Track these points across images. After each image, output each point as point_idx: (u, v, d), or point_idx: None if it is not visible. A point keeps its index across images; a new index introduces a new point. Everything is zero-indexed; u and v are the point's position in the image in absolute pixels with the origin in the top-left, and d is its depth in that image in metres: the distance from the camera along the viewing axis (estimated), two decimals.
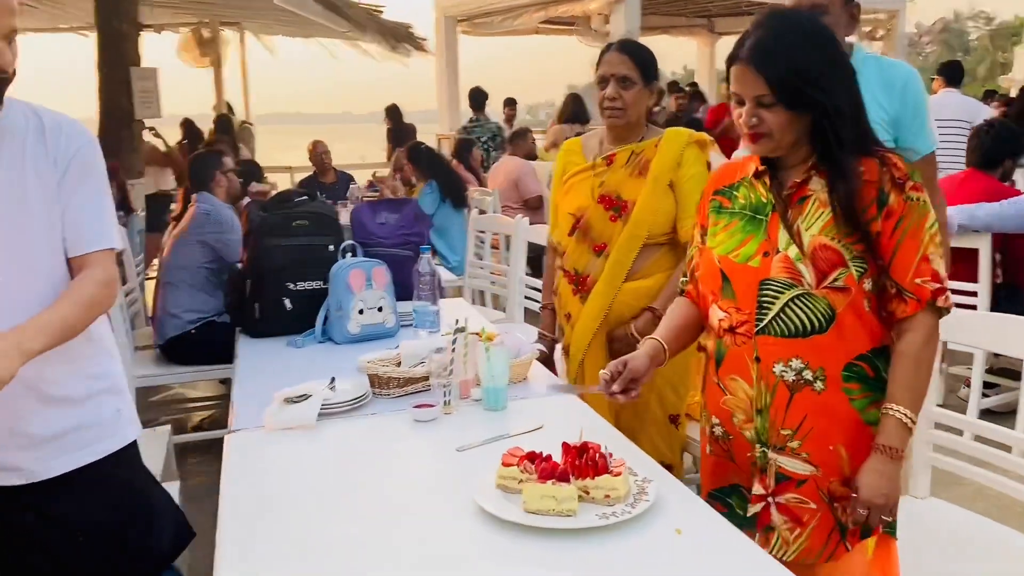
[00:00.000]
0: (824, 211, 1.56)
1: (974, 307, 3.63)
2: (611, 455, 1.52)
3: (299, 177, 7.12)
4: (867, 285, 1.56)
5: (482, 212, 5.71)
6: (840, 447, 1.59)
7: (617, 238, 2.35)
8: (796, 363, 1.58)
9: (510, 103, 9.71)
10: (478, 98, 8.51)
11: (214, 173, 3.64)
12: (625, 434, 2.28)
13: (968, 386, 3.73)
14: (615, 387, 1.70)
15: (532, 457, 1.52)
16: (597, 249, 2.38)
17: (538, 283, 3.92)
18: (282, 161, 9.52)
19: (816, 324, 1.56)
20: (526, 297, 4.12)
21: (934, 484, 2.14)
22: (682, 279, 1.88)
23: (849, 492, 1.58)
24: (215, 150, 3.96)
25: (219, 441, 1.91)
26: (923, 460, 2.11)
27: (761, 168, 1.66)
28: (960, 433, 2.09)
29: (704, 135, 2.38)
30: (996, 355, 3.90)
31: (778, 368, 1.59)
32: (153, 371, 3.57)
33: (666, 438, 2.40)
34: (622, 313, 2.36)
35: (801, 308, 1.57)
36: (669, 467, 2.24)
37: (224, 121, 7.66)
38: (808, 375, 1.57)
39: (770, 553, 1.61)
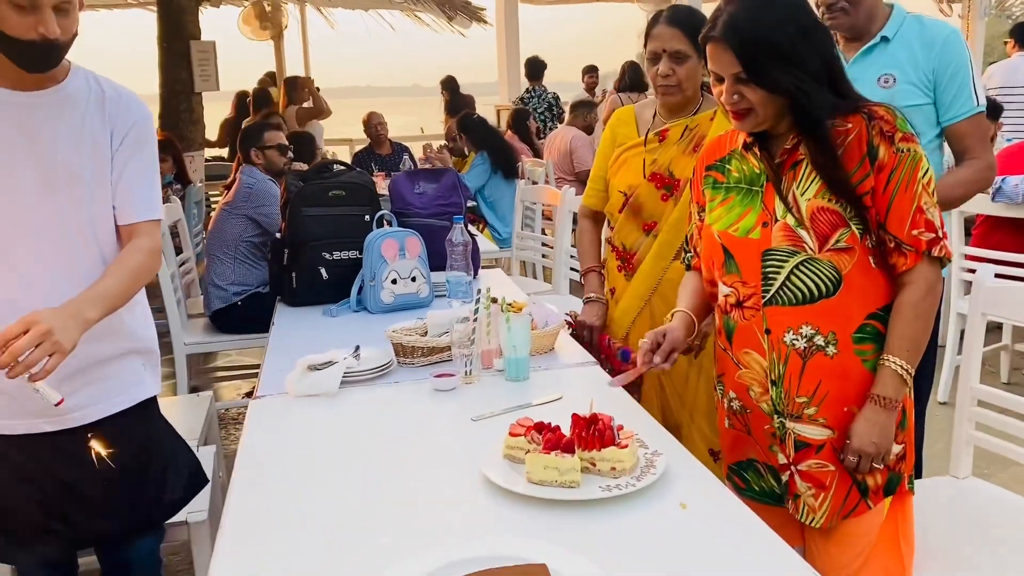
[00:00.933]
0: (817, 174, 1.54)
1: None
2: (621, 427, 1.50)
3: (358, 149, 7.18)
4: (869, 242, 1.54)
5: (534, 183, 5.69)
6: (854, 408, 1.57)
7: (667, 217, 2.27)
8: (806, 330, 1.55)
9: (591, 70, 9.53)
10: (535, 68, 8.41)
11: (252, 148, 3.68)
12: (674, 420, 2.26)
13: None
14: (657, 358, 1.68)
15: (540, 428, 1.50)
16: (647, 228, 2.29)
17: None
18: (343, 134, 9.61)
19: (824, 288, 1.53)
20: (572, 268, 4.08)
21: (988, 464, 2.05)
22: (686, 254, 1.86)
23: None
24: (264, 124, 3.99)
25: None
26: (964, 439, 2.02)
27: (750, 140, 1.64)
28: (1015, 415, 1.99)
29: None
30: None
31: (788, 337, 1.57)
32: (201, 339, 3.66)
33: (714, 425, 2.34)
34: (667, 294, 2.28)
35: (807, 274, 1.54)
36: (717, 454, 2.18)
37: (264, 95, 7.76)
38: (819, 341, 1.55)
39: (801, 519, 1.64)
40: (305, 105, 7.49)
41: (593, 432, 1.46)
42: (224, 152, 8.05)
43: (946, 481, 2.05)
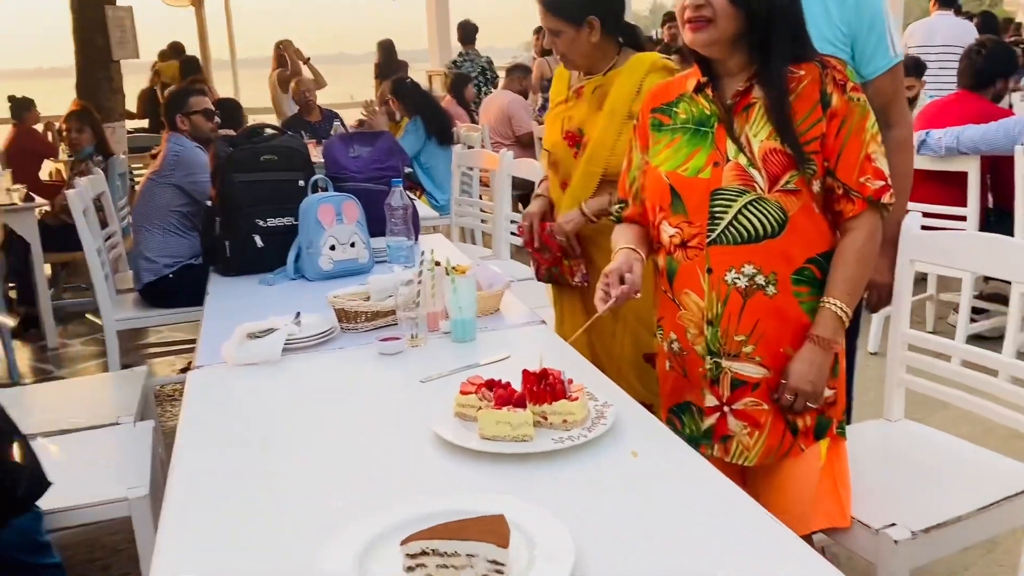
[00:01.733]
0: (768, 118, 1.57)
1: (964, 231, 3.58)
2: (571, 381, 1.50)
3: (288, 116, 7.00)
4: (816, 187, 1.57)
5: (470, 148, 5.64)
6: (788, 349, 1.61)
7: (575, 173, 2.29)
8: (748, 268, 1.58)
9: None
10: (468, 31, 8.31)
11: (177, 114, 3.55)
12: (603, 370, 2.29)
13: (957, 311, 3.70)
14: (619, 300, 1.65)
15: (490, 385, 1.50)
16: (564, 185, 2.33)
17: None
18: (267, 102, 9.36)
19: (770, 228, 1.56)
20: (512, 233, 4.07)
21: (920, 408, 2.12)
22: (616, 206, 1.86)
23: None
24: (189, 89, 3.84)
25: None
26: (896, 381, 2.09)
27: (703, 80, 1.65)
28: (948, 359, 2.06)
29: (669, 60, 2.27)
30: (986, 280, 3.88)
31: (730, 276, 1.60)
32: (133, 314, 3.54)
33: (642, 378, 2.38)
34: (599, 248, 2.31)
35: (754, 213, 1.57)
36: (649, 407, 2.22)
37: (191, 63, 7.51)
38: (760, 280, 1.58)
39: (731, 461, 1.67)
40: (306, 76, 7.21)
41: (544, 386, 1.46)
42: (146, 123, 7.78)
43: (879, 424, 2.12)
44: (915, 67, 5.17)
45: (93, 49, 5.60)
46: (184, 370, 4.23)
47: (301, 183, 2.69)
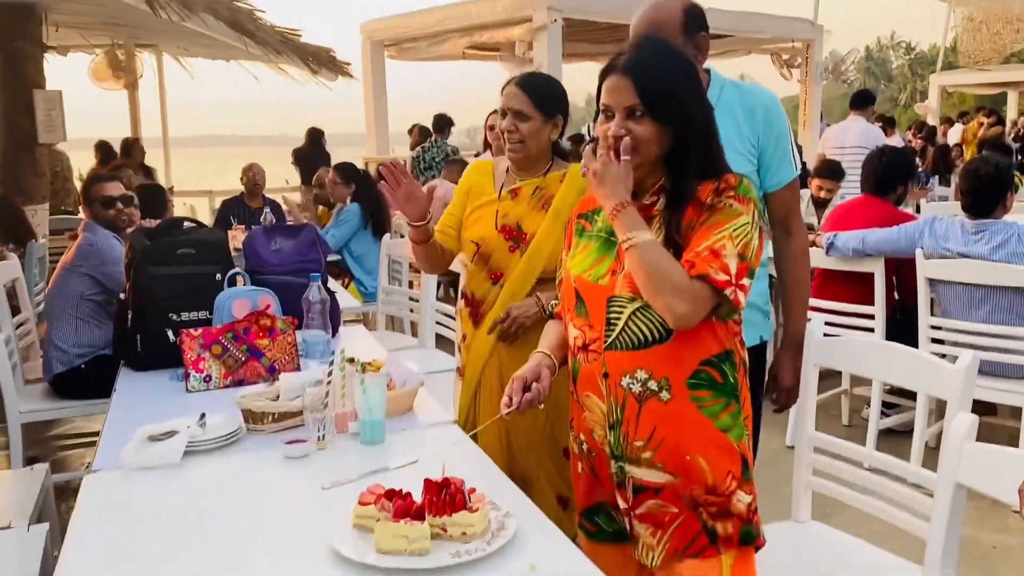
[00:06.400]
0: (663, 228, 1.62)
1: (871, 329, 3.71)
2: (473, 491, 1.49)
3: (219, 201, 6.96)
4: None
5: (402, 236, 5.68)
6: (698, 457, 1.61)
7: (513, 268, 2.33)
8: (640, 374, 1.60)
9: (416, 130, 9.85)
10: (442, 123, 8.73)
11: (85, 201, 3.50)
12: (521, 469, 2.29)
13: (870, 406, 3.81)
14: (521, 408, 1.71)
15: (391, 495, 1.48)
16: (494, 277, 2.37)
17: (450, 309, 3.89)
18: (202, 185, 9.32)
19: (657, 334, 1.59)
20: (439, 323, 4.08)
21: (828, 505, 2.15)
22: (553, 301, 1.90)
23: (715, 499, 1.61)
24: (93, 176, 3.79)
25: None
26: (803, 483, 2.12)
27: None
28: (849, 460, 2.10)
29: None
30: None
31: (625, 381, 1.62)
32: (40, 406, 3.41)
33: (562, 471, 2.38)
34: (516, 342, 2.34)
35: (642, 320, 1.60)
36: (566, 500, 2.22)
37: (105, 148, 7.50)
38: (653, 385, 1.60)
39: (641, 562, 1.66)
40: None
41: (444, 497, 1.45)
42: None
43: (788, 526, 2.15)
44: (833, 171, 5.46)
45: (19, 132, 5.53)
46: (91, 464, 4.05)
47: (218, 276, 2.67)
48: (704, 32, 2.10)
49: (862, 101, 6.71)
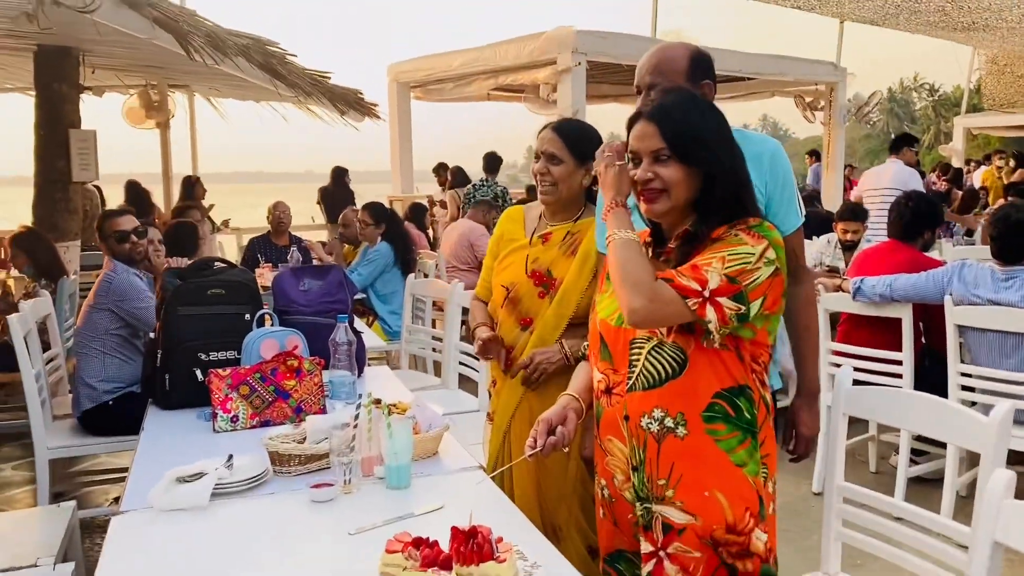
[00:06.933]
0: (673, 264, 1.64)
1: (899, 375, 3.67)
2: (500, 540, 1.48)
3: (247, 238, 7.04)
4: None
5: (426, 275, 5.72)
6: (716, 493, 1.60)
7: (543, 314, 2.33)
8: (657, 412, 1.61)
9: (441, 170, 9.95)
10: (492, 162, 8.85)
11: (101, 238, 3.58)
12: (551, 519, 2.27)
13: (898, 453, 3.75)
14: (545, 451, 1.71)
15: (417, 543, 1.47)
16: (524, 323, 2.37)
17: (472, 348, 3.89)
18: (230, 222, 9.44)
19: (671, 369, 1.60)
20: (462, 363, 4.08)
21: (859, 555, 2.11)
22: (584, 344, 1.91)
23: (735, 538, 1.60)
24: (108, 212, 3.86)
25: None
26: (832, 535, 2.09)
27: (648, 240, 1.73)
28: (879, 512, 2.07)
29: None
30: None
31: (644, 421, 1.63)
32: (68, 442, 3.44)
33: (592, 521, 2.36)
34: (542, 390, 2.33)
35: (657, 357, 1.61)
36: (596, 551, 2.20)
37: (133, 188, 7.70)
38: (669, 422, 1.61)
39: None
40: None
41: (472, 546, 1.44)
42: None
43: None
44: (855, 212, 5.45)
45: (54, 171, 5.64)
46: (117, 499, 4.07)
47: (247, 316, 2.70)
48: (709, 80, 2.09)
49: (899, 144, 6.73)
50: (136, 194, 7.84)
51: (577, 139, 2.35)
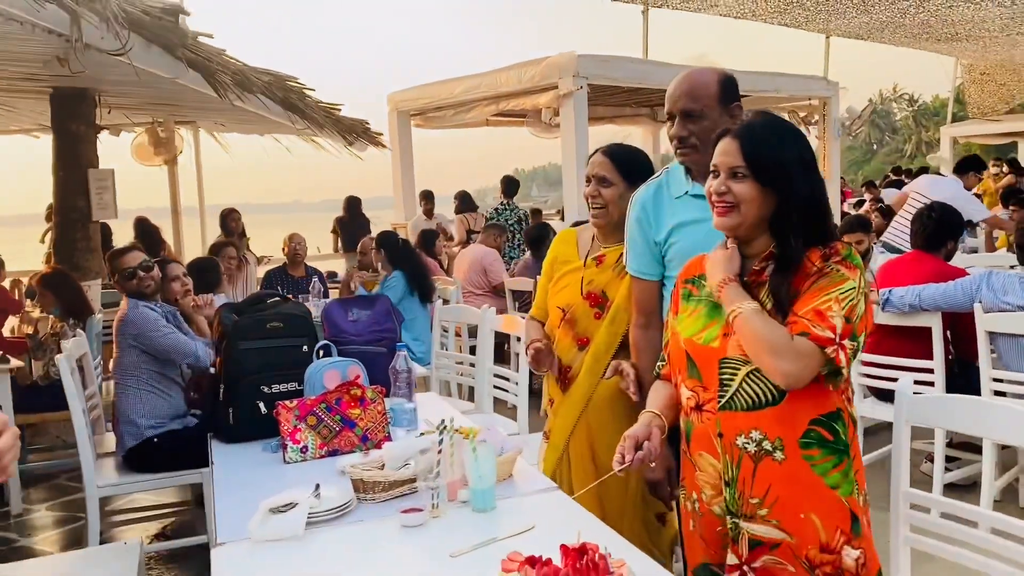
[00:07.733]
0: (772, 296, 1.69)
1: (931, 383, 3.73)
2: (610, 555, 1.53)
3: (270, 269, 7.10)
4: None
5: (445, 302, 5.77)
6: (812, 515, 1.66)
7: (598, 334, 2.40)
8: (755, 434, 1.67)
9: (427, 196, 10.04)
10: (511, 185, 8.99)
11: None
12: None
13: (930, 460, 3.81)
14: (634, 465, 1.74)
15: (532, 562, 1.51)
16: (581, 343, 2.43)
17: (505, 371, 3.95)
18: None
19: (770, 395, 1.65)
20: (496, 387, 4.13)
21: (925, 560, 2.16)
22: (659, 363, 1.95)
23: (828, 557, 1.65)
24: (115, 251, 3.89)
25: (186, 550, 1.86)
26: (901, 540, 2.14)
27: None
28: (927, 511, 2.13)
29: None
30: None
31: (740, 440, 1.68)
32: (116, 480, 3.46)
33: (653, 535, 2.42)
34: (600, 408, 2.40)
35: (756, 382, 1.66)
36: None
37: (143, 225, 7.80)
38: (767, 445, 1.66)
39: None
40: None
41: (587, 562, 1.48)
42: None
43: None
44: (861, 224, 5.54)
45: (74, 211, 5.69)
46: (159, 536, 4.08)
47: (304, 348, 2.74)
48: (737, 102, 2.16)
49: (967, 166, 6.84)
50: (144, 230, 7.88)
51: (626, 162, 2.42)
